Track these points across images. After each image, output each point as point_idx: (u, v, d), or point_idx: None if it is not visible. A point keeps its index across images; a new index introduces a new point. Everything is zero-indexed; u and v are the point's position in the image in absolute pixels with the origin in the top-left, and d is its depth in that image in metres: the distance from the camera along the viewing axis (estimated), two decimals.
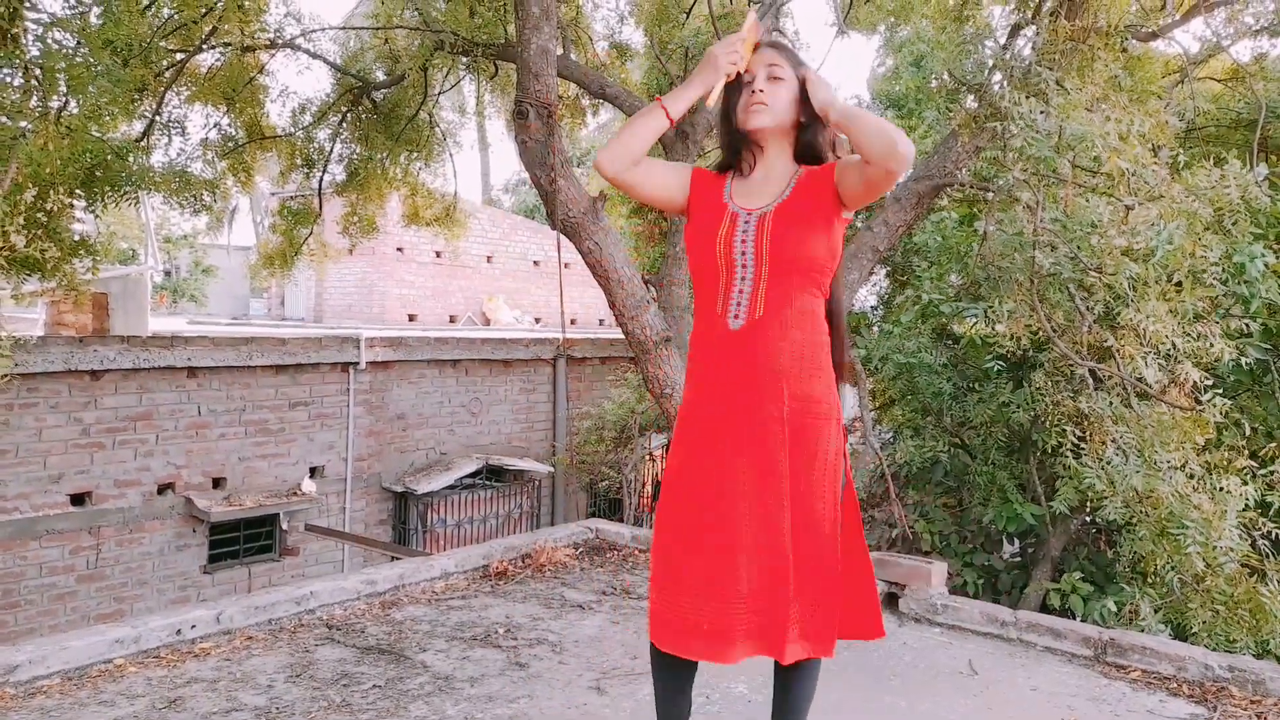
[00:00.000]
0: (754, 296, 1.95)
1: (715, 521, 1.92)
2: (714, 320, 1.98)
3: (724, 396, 1.95)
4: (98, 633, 3.25)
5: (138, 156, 5.99)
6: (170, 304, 20.18)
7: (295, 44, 7.37)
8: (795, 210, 1.98)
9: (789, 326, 1.94)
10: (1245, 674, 3.12)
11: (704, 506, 1.93)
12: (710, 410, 1.96)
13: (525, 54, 5.03)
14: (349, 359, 8.54)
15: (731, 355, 1.95)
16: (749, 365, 1.94)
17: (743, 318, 1.94)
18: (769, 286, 1.94)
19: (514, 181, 28.92)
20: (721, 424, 1.95)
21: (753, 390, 1.93)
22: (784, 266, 1.94)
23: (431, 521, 9.15)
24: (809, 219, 1.97)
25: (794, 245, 1.94)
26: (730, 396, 1.95)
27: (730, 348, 1.95)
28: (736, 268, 1.96)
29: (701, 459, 1.96)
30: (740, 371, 1.94)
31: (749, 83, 2.04)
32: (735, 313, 1.95)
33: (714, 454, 1.95)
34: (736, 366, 1.95)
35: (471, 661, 3.27)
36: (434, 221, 9.05)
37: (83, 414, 6.97)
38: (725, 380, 1.96)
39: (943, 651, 3.49)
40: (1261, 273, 4.96)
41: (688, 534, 1.94)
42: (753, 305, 1.94)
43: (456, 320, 16.37)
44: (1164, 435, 4.21)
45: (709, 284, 2.00)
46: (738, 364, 1.95)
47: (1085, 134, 3.80)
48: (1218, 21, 6.40)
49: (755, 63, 2.05)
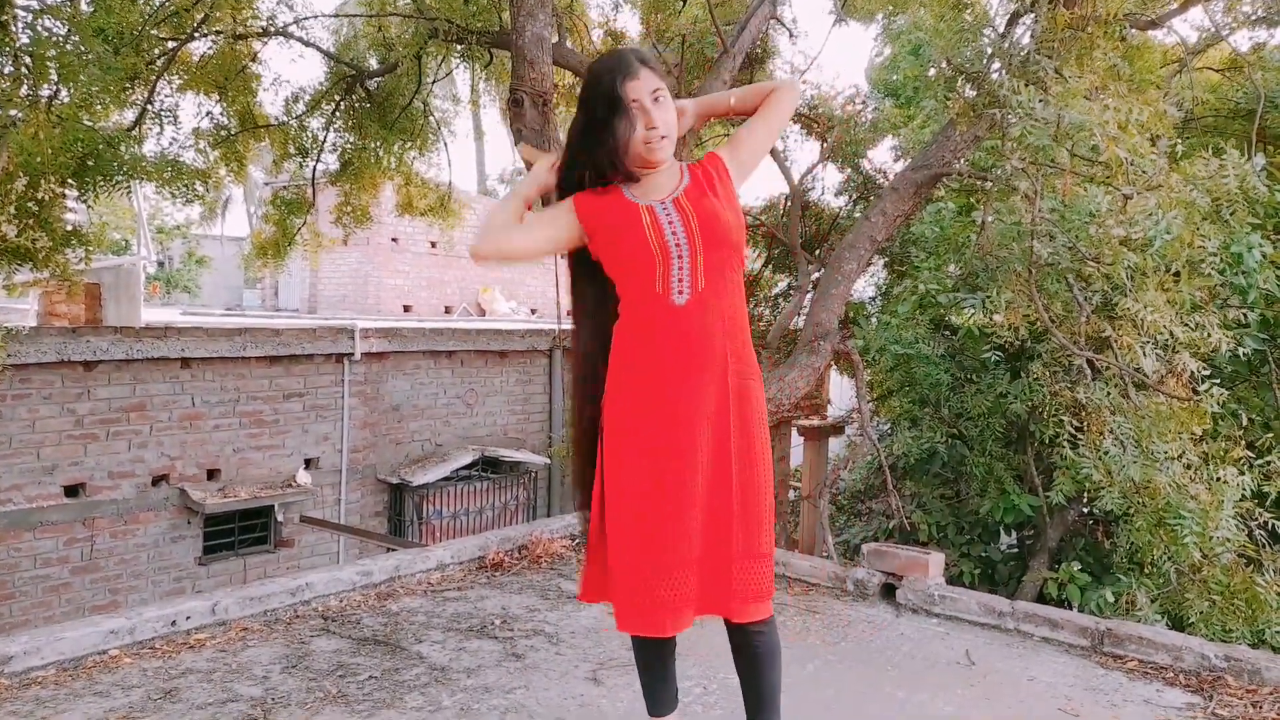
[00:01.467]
0: (694, 272, 2.02)
1: (674, 491, 1.99)
2: (654, 299, 2.03)
3: (677, 367, 2.01)
4: (92, 624, 3.23)
5: (129, 145, 5.94)
6: (163, 294, 20.11)
7: (288, 32, 7.32)
8: (701, 191, 2.09)
9: (726, 296, 2.06)
10: (1241, 663, 3.12)
11: (662, 477, 2.00)
12: (663, 383, 2.01)
13: (520, 42, 4.99)
14: (344, 350, 8.50)
15: (679, 328, 2.02)
16: (699, 335, 2.02)
17: (686, 293, 2.02)
18: (706, 261, 2.02)
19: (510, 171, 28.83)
20: (677, 395, 2.01)
21: (704, 357, 2.02)
22: (715, 239, 2.03)
23: (427, 513, 9.14)
24: (718, 195, 2.09)
25: (718, 218, 2.04)
26: (684, 366, 2.01)
27: (677, 321, 2.02)
28: (671, 249, 2.02)
29: (656, 432, 2.01)
30: (692, 341, 2.02)
31: (635, 112, 2.02)
32: (678, 289, 2.02)
33: (671, 425, 2.00)
34: (688, 338, 2.01)
35: (468, 653, 3.25)
36: (428, 211, 9.01)
37: (76, 405, 6.94)
38: (676, 351, 2.02)
39: (940, 642, 3.49)
40: (1259, 263, 4.95)
41: (647, 507, 2.00)
42: (694, 280, 2.02)
43: (452, 311, 16.32)
44: (1161, 426, 4.20)
45: (643, 272, 2.04)
46: (689, 335, 2.01)
47: (1084, 123, 3.77)
48: (1216, 11, 6.37)
49: (637, 91, 2.01)
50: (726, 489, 2.02)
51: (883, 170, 9.11)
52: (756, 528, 2.03)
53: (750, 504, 2.03)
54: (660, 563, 1.98)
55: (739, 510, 2.01)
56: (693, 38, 7.18)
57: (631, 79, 2.02)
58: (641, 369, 2.05)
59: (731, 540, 2.00)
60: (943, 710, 2.89)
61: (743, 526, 2.01)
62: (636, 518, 2.01)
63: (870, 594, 3.95)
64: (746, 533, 2.02)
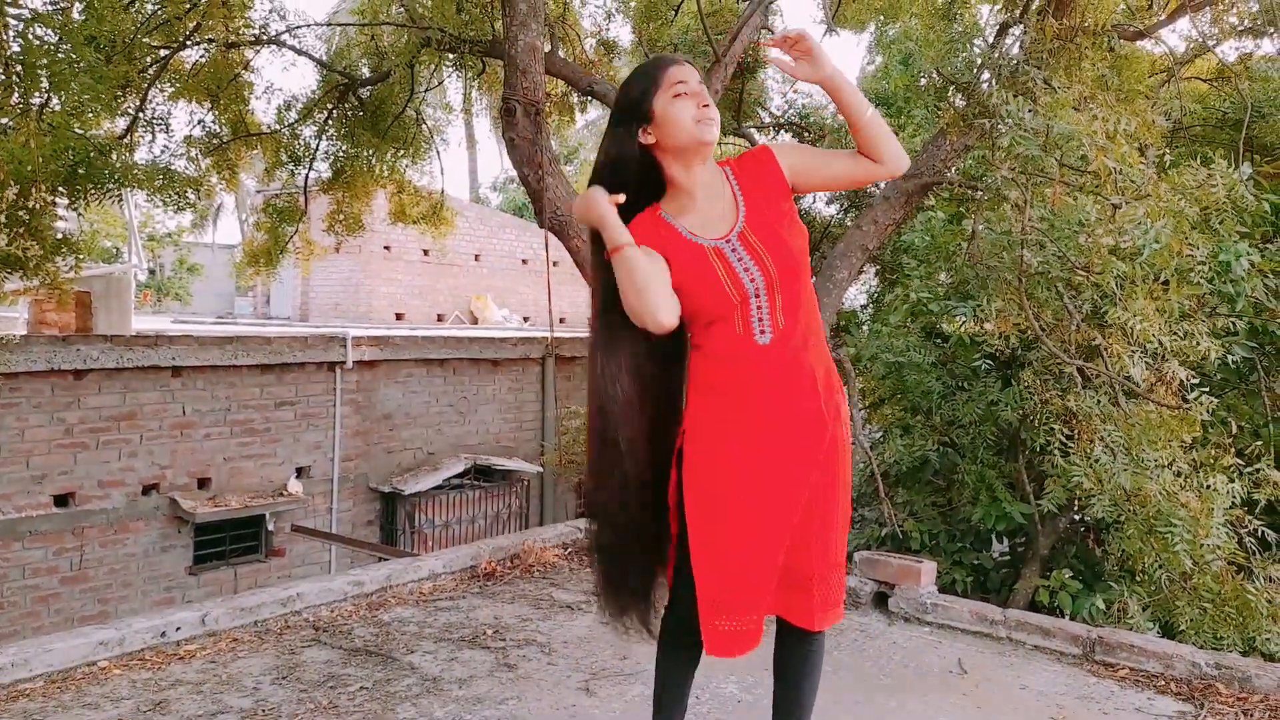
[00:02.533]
0: (773, 311, 1.95)
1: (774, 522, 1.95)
2: (734, 339, 1.96)
3: (765, 400, 1.96)
4: (81, 635, 3.21)
5: (121, 154, 5.93)
6: (154, 302, 20.04)
7: (280, 40, 7.32)
8: (763, 215, 1.98)
9: (809, 329, 1.99)
10: (1232, 671, 3.13)
11: (750, 505, 1.94)
12: (750, 414, 1.96)
13: (513, 51, 5.00)
14: (335, 358, 8.48)
15: (765, 365, 1.96)
16: (786, 371, 1.96)
17: (769, 333, 1.95)
18: (784, 299, 1.95)
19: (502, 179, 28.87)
20: (764, 427, 1.95)
21: (794, 391, 1.96)
22: (789, 277, 1.95)
23: (419, 522, 9.11)
24: (778, 217, 1.98)
25: (786, 253, 1.95)
26: (771, 400, 1.96)
27: (761, 359, 1.95)
28: (750, 294, 1.93)
29: (743, 461, 1.95)
30: (778, 378, 1.96)
31: (686, 94, 1.94)
32: (759, 329, 1.95)
33: (759, 455, 1.95)
34: (773, 374, 1.96)
35: (460, 663, 3.24)
36: (421, 219, 9.01)
37: (66, 414, 6.90)
38: (762, 386, 1.96)
39: (932, 651, 3.49)
40: (1247, 271, 4.98)
41: (737, 537, 1.94)
42: (774, 318, 1.95)
43: (444, 319, 16.31)
44: (1151, 434, 4.22)
45: (722, 319, 1.95)
46: (773, 372, 1.96)
47: (1073, 133, 3.80)
48: (1203, 21, 6.42)
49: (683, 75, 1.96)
50: (825, 509, 2.00)
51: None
52: (838, 541, 2.04)
53: (841, 521, 2.05)
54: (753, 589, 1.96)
55: (828, 528, 2.01)
56: (684, 47, 7.20)
57: (676, 65, 1.99)
58: (722, 402, 1.98)
59: (816, 555, 2.00)
60: (935, 719, 2.89)
61: (830, 541, 2.02)
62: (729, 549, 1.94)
63: (863, 602, 3.95)
64: (832, 547, 2.02)
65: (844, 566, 2.07)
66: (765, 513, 1.95)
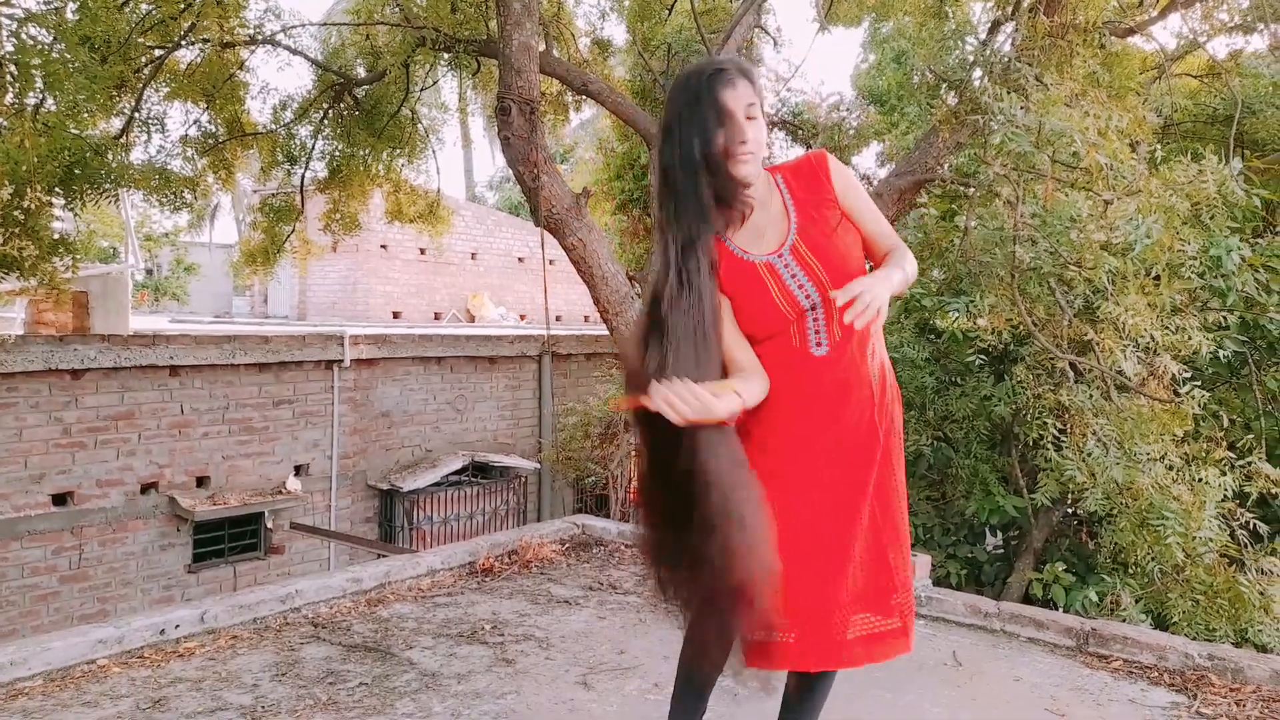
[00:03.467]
0: (829, 322, 1.90)
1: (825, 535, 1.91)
2: (791, 350, 1.92)
3: (822, 411, 1.92)
4: (80, 633, 3.23)
5: (117, 154, 5.94)
6: (152, 302, 20.02)
7: (275, 40, 7.33)
8: (814, 224, 1.92)
9: (863, 336, 1.94)
10: (1224, 662, 3.16)
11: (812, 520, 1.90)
12: (806, 427, 1.92)
13: (507, 50, 5.02)
14: (333, 356, 8.50)
15: (821, 376, 1.92)
16: (844, 382, 1.92)
17: (825, 345, 1.91)
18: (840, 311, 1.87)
19: (498, 178, 28.85)
20: (821, 438, 1.92)
21: (853, 402, 1.93)
22: (843, 281, 1.85)
23: (418, 519, 9.13)
24: (829, 226, 1.92)
25: (837, 257, 1.90)
26: (828, 411, 1.92)
27: (818, 370, 1.92)
28: (806, 308, 1.89)
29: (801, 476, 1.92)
30: (838, 389, 1.92)
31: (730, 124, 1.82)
32: (816, 341, 1.91)
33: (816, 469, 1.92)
34: (833, 386, 1.92)
35: (458, 658, 3.27)
36: (418, 218, 9.03)
37: (63, 413, 6.91)
38: (819, 397, 1.92)
39: (927, 643, 3.52)
40: (1238, 266, 5.02)
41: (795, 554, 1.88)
42: (830, 330, 1.90)
43: (441, 317, 16.32)
44: (1143, 428, 4.26)
45: (778, 333, 1.92)
46: (834, 384, 1.92)
47: (1064, 129, 3.83)
48: (1194, 18, 6.46)
49: (732, 100, 1.82)
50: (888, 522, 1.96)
51: (868, 176, 9.17)
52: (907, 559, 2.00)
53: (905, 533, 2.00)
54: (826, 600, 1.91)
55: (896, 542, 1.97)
56: (678, 46, 7.22)
57: (726, 87, 1.82)
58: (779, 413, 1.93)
59: (893, 572, 1.96)
60: (930, 711, 2.92)
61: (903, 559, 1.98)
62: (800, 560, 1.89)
63: None
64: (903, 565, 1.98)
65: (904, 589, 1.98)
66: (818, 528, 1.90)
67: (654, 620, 3.66)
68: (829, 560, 1.91)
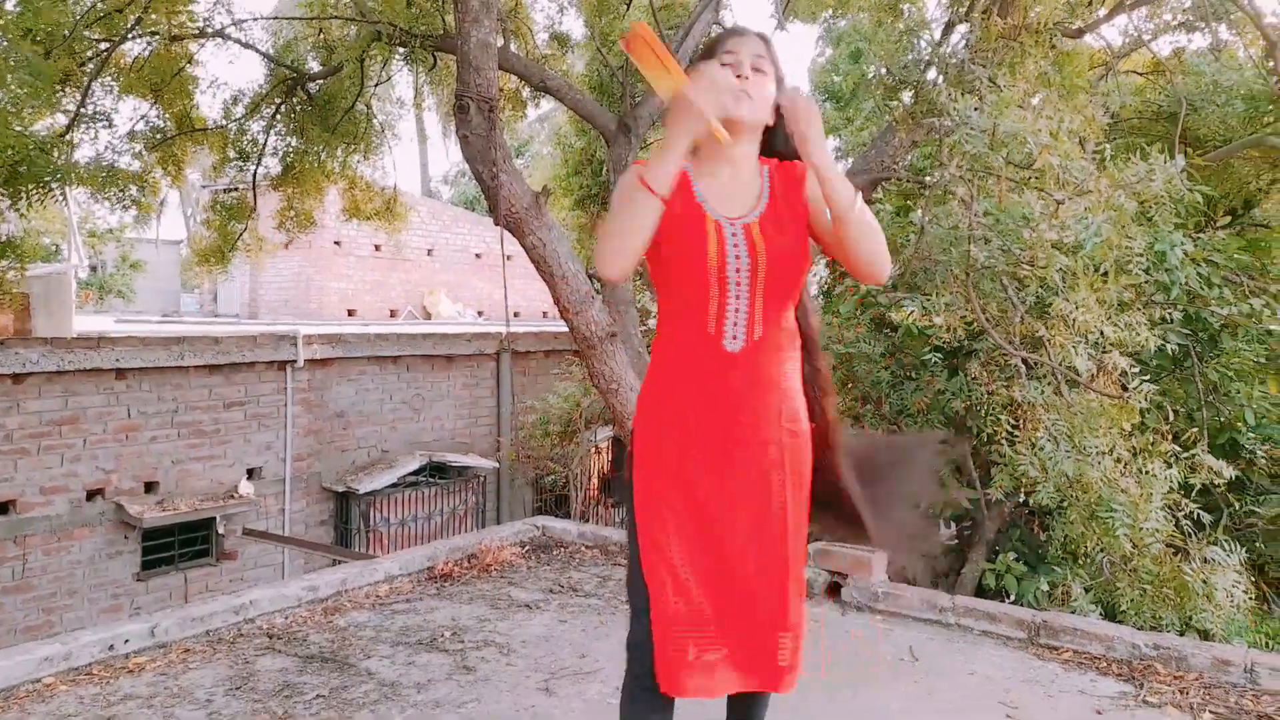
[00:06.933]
0: (751, 316, 1.83)
1: (714, 552, 1.84)
2: (705, 340, 1.84)
3: (721, 420, 1.84)
4: (25, 651, 3.13)
5: (63, 151, 5.76)
6: (97, 300, 19.48)
7: (225, 33, 7.17)
8: (778, 221, 1.86)
9: (783, 348, 1.87)
10: (1169, 651, 3.25)
11: (700, 536, 1.84)
12: (703, 435, 1.84)
13: (465, 47, 4.96)
14: (286, 357, 8.35)
15: (729, 377, 1.83)
16: (750, 388, 1.84)
17: (741, 339, 1.83)
18: (765, 306, 1.83)
19: (453, 173, 28.59)
20: (718, 448, 1.84)
21: (753, 413, 1.84)
22: (778, 284, 1.83)
23: (374, 521, 9.02)
24: (791, 231, 1.86)
25: (786, 261, 1.83)
26: (729, 420, 1.84)
27: (728, 370, 1.83)
28: (730, 285, 1.81)
29: (694, 486, 1.84)
30: (740, 394, 1.84)
31: (730, 64, 1.84)
32: (733, 333, 1.83)
33: (710, 480, 1.84)
34: (736, 389, 1.84)
35: (417, 667, 3.24)
36: (374, 215, 8.91)
37: (4, 419, 6.70)
38: (723, 403, 1.84)
39: (885, 639, 3.56)
40: (1181, 260, 5.15)
41: (687, 565, 1.83)
42: (750, 325, 1.83)
43: (397, 314, 16.13)
44: (1093, 422, 4.35)
45: (697, 301, 1.83)
46: (737, 386, 1.84)
47: (1018, 131, 3.89)
48: (1140, 17, 6.61)
49: (736, 46, 1.86)
50: (775, 557, 1.85)
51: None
52: (799, 598, 1.90)
53: (797, 573, 1.88)
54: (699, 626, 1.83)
55: (784, 579, 1.86)
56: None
57: (736, 36, 1.87)
58: (676, 416, 1.86)
59: (778, 609, 1.85)
60: (888, 706, 2.96)
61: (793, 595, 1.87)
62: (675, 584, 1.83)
63: (817, 593, 4.01)
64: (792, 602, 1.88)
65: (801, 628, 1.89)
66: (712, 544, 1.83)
67: (615, 623, 3.66)
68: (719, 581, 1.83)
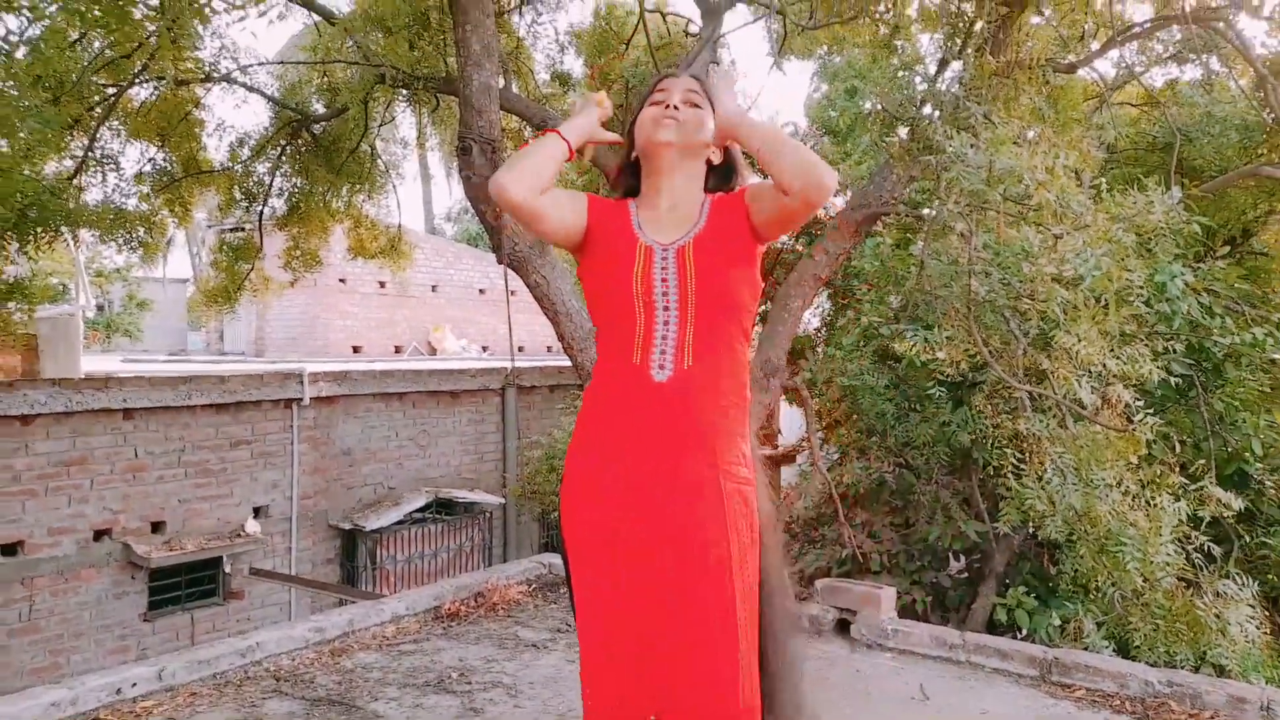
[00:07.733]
0: (680, 343, 1.73)
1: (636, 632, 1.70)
2: (630, 371, 1.74)
3: (642, 459, 1.71)
4: (31, 696, 3.13)
5: (72, 194, 5.84)
6: (104, 340, 19.56)
7: (231, 78, 7.28)
8: (715, 242, 1.80)
9: (720, 377, 1.75)
10: (1183, 688, 3.23)
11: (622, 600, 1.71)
12: (625, 476, 1.72)
13: (467, 90, 5.04)
14: (292, 395, 8.38)
15: (655, 412, 1.72)
16: (676, 423, 1.72)
17: (669, 368, 1.73)
18: (696, 331, 1.73)
19: (456, 210, 28.79)
20: (643, 492, 1.71)
21: (677, 452, 1.71)
22: (711, 307, 1.74)
23: (381, 558, 8.99)
24: (730, 251, 1.79)
25: (720, 281, 1.75)
26: (653, 461, 1.71)
27: (654, 403, 1.72)
28: (657, 309, 1.74)
29: (614, 539, 1.72)
30: (664, 430, 1.72)
31: (660, 100, 1.91)
32: (660, 362, 1.73)
33: (632, 529, 1.70)
34: (661, 425, 1.72)
35: (425, 709, 3.22)
36: (380, 254, 8.98)
37: (13, 460, 6.72)
38: (647, 441, 1.72)
39: (895, 676, 3.54)
40: (1181, 291, 5.18)
41: (609, 626, 1.73)
42: (679, 354, 1.73)
43: (402, 350, 16.18)
44: (1099, 454, 4.34)
45: (622, 328, 1.76)
46: (663, 422, 1.72)
47: (1014, 168, 3.93)
48: (1132, 50, 6.69)
49: (669, 84, 1.94)
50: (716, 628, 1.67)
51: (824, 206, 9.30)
52: (751, 674, 1.72)
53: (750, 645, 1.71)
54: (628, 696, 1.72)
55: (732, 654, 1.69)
56: (635, 80, 7.30)
57: (669, 78, 1.97)
58: (599, 457, 1.76)
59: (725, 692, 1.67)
60: None
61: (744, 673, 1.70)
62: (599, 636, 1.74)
63: (825, 630, 4.00)
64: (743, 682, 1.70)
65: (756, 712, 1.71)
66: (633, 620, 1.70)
67: None
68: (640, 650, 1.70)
